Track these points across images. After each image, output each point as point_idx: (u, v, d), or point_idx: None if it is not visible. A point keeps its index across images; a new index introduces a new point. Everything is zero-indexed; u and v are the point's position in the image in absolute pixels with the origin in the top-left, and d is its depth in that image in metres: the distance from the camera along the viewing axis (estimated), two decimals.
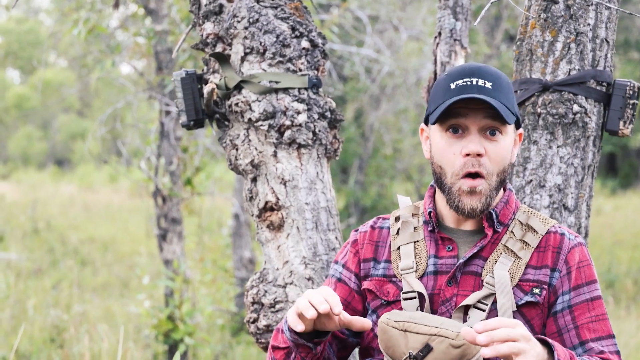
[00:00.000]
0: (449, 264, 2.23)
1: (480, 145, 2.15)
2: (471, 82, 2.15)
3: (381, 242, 2.36)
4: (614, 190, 22.49)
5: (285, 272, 3.05)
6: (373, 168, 15.32)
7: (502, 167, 2.19)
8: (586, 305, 2.19)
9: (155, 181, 7.69)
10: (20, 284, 10.21)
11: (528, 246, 2.21)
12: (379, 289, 2.29)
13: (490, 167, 2.16)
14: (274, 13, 3.06)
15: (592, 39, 3.01)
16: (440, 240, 2.26)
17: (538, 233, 2.23)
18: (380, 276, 2.30)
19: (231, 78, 3.06)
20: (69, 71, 32.34)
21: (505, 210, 2.25)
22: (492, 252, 2.21)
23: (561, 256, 2.20)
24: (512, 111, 2.17)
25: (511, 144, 2.22)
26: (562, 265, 2.20)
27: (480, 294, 2.17)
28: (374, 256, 2.34)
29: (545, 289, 2.19)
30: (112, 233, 15.51)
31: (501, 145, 2.17)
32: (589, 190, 3.06)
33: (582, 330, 2.18)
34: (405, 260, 2.27)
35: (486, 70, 2.19)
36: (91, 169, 27.48)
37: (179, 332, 6.93)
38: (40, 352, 7.40)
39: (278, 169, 3.04)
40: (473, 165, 2.16)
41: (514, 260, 2.19)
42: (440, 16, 3.62)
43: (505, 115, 2.12)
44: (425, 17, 11.96)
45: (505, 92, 2.17)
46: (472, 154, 2.15)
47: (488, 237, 2.22)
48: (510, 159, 2.23)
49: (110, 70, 9.30)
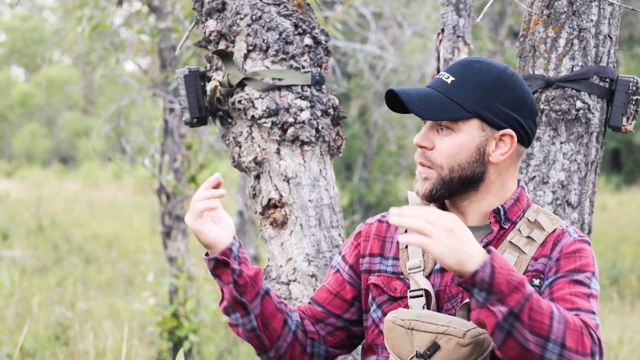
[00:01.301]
0: None
1: (425, 137, 2.18)
2: (439, 77, 2.20)
3: (388, 237, 2.35)
4: (619, 186, 22.46)
5: (288, 269, 3.05)
6: (377, 165, 15.32)
7: (454, 163, 2.17)
8: (567, 282, 2.11)
9: (159, 178, 7.70)
10: (24, 281, 10.23)
11: (534, 242, 2.19)
12: (387, 285, 2.29)
13: (437, 160, 2.18)
14: (276, 10, 3.06)
15: (595, 35, 3.01)
16: None
17: (545, 230, 2.21)
18: (389, 273, 2.30)
19: (234, 75, 3.06)
20: (73, 69, 32.37)
21: (515, 207, 2.23)
22: (497, 248, 2.20)
23: (557, 247, 2.17)
24: (466, 109, 2.14)
25: (470, 142, 2.17)
26: (556, 253, 2.17)
27: None
28: (380, 252, 2.34)
29: (542, 278, 2.16)
30: (116, 230, 15.53)
31: (451, 141, 2.17)
32: (592, 186, 3.06)
33: (556, 301, 2.09)
34: (413, 259, 2.26)
35: (466, 65, 2.19)
36: (95, 166, 27.51)
37: (183, 329, 6.94)
38: (45, 350, 7.41)
39: (281, 166, 3.05)
40: (420, 157, 2.21)
41: (518, 255, 2.18)
42: (443, 12, 3.62)
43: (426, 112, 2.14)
44: (429, 14, 11.96)
45: (469, 89, 2.15)
46: (415, 143, 2.20)
47: (494, 233, 2.20)
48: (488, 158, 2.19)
49: (114, 67, 9.31)
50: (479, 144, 2.18)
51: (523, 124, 2.20)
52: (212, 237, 2.18)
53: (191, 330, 6.96)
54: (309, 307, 2.41)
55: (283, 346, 2.32)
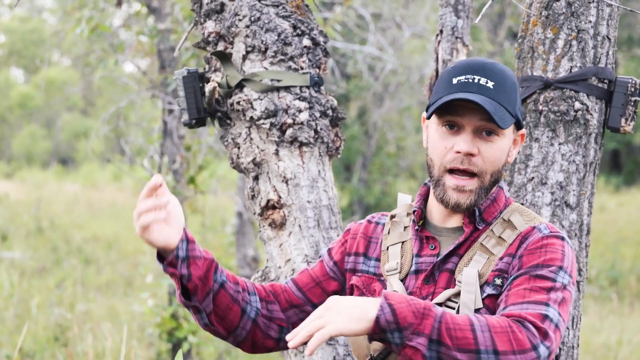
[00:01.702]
0: (428, 262, 2.21)
1: (473, 145, 2.12)
2: (473, 80, 2.12)
3: (374, 238, 2.35)
4: (618, 187, 22.46)
5: (287, 270, 3.05)
6: (376, 166, 15.32)
7: (496, 168, 2.15)
8: (527, 278, 2.07)
9: None
10: (24, 282, 10.23)
11: (504, 242, 2.17)
12: (366, 287, 2.29)
13: (482, 166, 2.13)
14: (275, 11, 3.07)
15: (593, 36, 3.01)
16: (425, 239, 2.24)
17: (517, 229, 2.18)
18: (370, 274, 2.30)
19: (233, 76, 3.06)
20: (72, 70, 32.38)
21: (491, 207, 2.21)
22: (468, 250, 2.18)
23: (524, 244, 2.14)
24: (511, 113, 2.13)
25: (508, 145, 2.18)
26: (520, 251, 2.13)
27: (450, 292, 2.14)
28: (364, 251, 2.34)
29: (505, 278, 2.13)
30: (116, 231, 15.52)
31: (496, 146, 2.14)
32: (590, 187, 3.06)
33: (509, 297, 2.06)
34: (391, 262, 2.26)
35: (492, 67, 2.15)
36: (95, 167, 27.50)
37: (182, 331, 6.94)
38: (44, 351, 7.41)
39: (280, 167, 3.05)
40: (462, 163, 2.13)
41: (488, 257, 2.16)
42: (441, 14, 3.62)
43: (500, 120, 2.08)
44: (428, 15, 11.97)
45: (508, 93, 2.13)
46: (462, 152, 2.12)
47: (465, 234, 2.18)
48: (507, 159, 2.19)
49: (113, 69, 9.31)
50: (509, 146, 2.20)
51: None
52: (162, 242, 2.11)
53: (190, 332, 6.96)
54: (285, 288, 2.39)
55: (242, 334, 2.31)
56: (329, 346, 3.03)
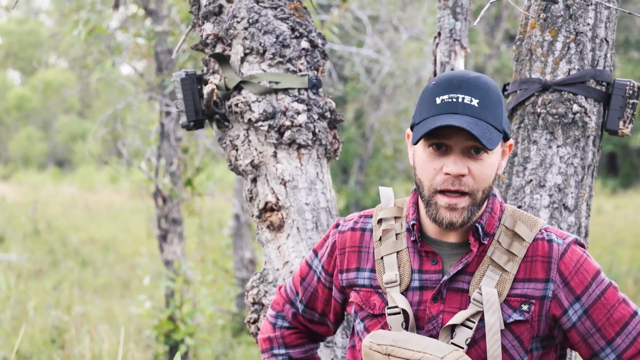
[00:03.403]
0: (434, 280, 2.17)
1: (463, 165, 2.07)
2: (457, 99, 2.06)
3: (364, 247, 2.29)
4: (615, 190, 22.50)
5: (285, 273, 3.05)
6: (373, 168, 15.33)
7: (487, 185, 2.11)
8: (600, 302, 2.14)
9: (155, 182, 7.69)
10: (21, 284, 10.22)
11: (515, 257, 2.14)
12: (365, 302, 2.25)
13: (473, 185, 2.09)
14: (273, 13, 3.06)
15: (591, 38, 3.01)
16: (424, 253, 2.19)
17: (525, 241, 2.16)
18: (367, 287, 2.25)
19: (231, 79, 3.06)
20: (69, 72, 32.36)
21: (491, 219, 2.18)
22: (478, 266, 2.15)
23: (552, 265, 2.13)
24: (498, 129, 2.08)
25: (497, 160, 2.14)
26: (556, 275, 2.13)
27: (467, 313, 2.12)
28: (357, 265, 2.29)
29: (534, 304, 2.12)
30: (112, 234, 15.52)
31: (486, 164, 2.09)
32: (589, 189, 3.06)
33: (605, 329, 2.14)
34: (389, 273, 2.21)
35: (475, 82, 2.09)
36: (92, 169, 27.50)
37: (179, 333, 6.93)
38: (41, 353, 7.40)
39: (278, 170, 3.05)
40: (453, 184, 2.08)
41: (501, 274, 2.14)
42: (439, 16, 3.62)
43: (488, 142, 2.04)
44: (425, 17, 11.97)
45: (494, 108, 2.08)
46: (452, 174, 2.07)
47: (474, 253, 2.15)
48: (497, 172, 2.15)
49: (110, 71, 9.31)
50: (498, 161, 2.15)
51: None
52: None
53: (187, 334, 6.95)
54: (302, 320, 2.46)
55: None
56: (327, 348, 3.02)
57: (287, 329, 2.47)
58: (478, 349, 2.11)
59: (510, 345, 2.12)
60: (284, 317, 2.47)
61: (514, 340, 2.12)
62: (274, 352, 2.47)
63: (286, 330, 2.47)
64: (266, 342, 2.48)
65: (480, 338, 2.11)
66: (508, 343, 2.12)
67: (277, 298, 2.49)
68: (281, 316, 2.47)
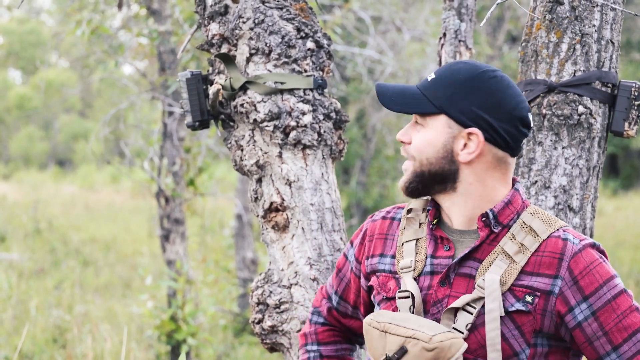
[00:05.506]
0: (444, 264, 2.21)
1: (404, 133, 2.24)
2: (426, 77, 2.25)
3: (390, 234, 2.35)
4: (616, 191, 22.50)
5: (290, 273, 3.05)
6: (375, 169, 15.33)
7: (423, 157, 2.20)
8: (610, 306, 2.14)
9: (158, 182, 7.70)
10: (22, 284, 10.23)
11: (526, 250, 2.16)
12: (382, 286, 2.30)
13: (412, 153, 2.22)
14: (279, 14, 3.07)
15: (597, 40, 3.01)
16: (439, 239, 2.24)
17: (539, 237, 2.17)
18: (387, 272, 2.30)
19: (236, 79, 3.06)
20: (70, 72, 32.39)
21: (507, 210, 2.20)
22: (489, 254, 2.17)
23: (563, 262, 2.14)
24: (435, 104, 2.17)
25: (437, 138, 2.19)
26: (565, 273, 2.13)
27: (469, 297, 2.14)
28: (382, 251, 2.34)
29: (539, 297, 2.13)
30: (114, 233, 15.52)
31: (420, 135, 2.21)
32: (593, 191, 3.06)
33: (612, 334, 2.13)
34: (406, 259, 2.26)
35: (453, 65, 2.22)
36: (93, 169, 27.52)
37: (181, 333, 6.94)
38: (43, 353, 7.40)
39: (283, 170, 3.05)
40: (403, 150, 2.25)
41: (509, 263, 2.15)
42: (445, 17, 3.62)
43: (393, 104, 2.21)
44: (427, 18, 11.97)
45: (444, 87, 2.18)
46: (398, 140, 2.24)
47: (481, 238, 2.18)
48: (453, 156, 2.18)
49: (113, 70, 9.31)
50: (444, 141, 2.18)
51: (495, 125, 2.15)
52: None
53: (189, 334, 6.96)
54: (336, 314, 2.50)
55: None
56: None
57: (321, 325, 2.52)
58: (478, 335, 2.13)
59: (511, 334, 2.13)
60: (320, 312, 2.53)
61: (514, 330, 2.13)
62: (307, 347, 2.52)
63: (320, 327, 2.52)
64: (302, 337, 2.54)
65: (481, 324, 2.13)
66: (508, 332, 2.13)
67: (317, 295, 2.56)
68: (317, 312, 2.54)
